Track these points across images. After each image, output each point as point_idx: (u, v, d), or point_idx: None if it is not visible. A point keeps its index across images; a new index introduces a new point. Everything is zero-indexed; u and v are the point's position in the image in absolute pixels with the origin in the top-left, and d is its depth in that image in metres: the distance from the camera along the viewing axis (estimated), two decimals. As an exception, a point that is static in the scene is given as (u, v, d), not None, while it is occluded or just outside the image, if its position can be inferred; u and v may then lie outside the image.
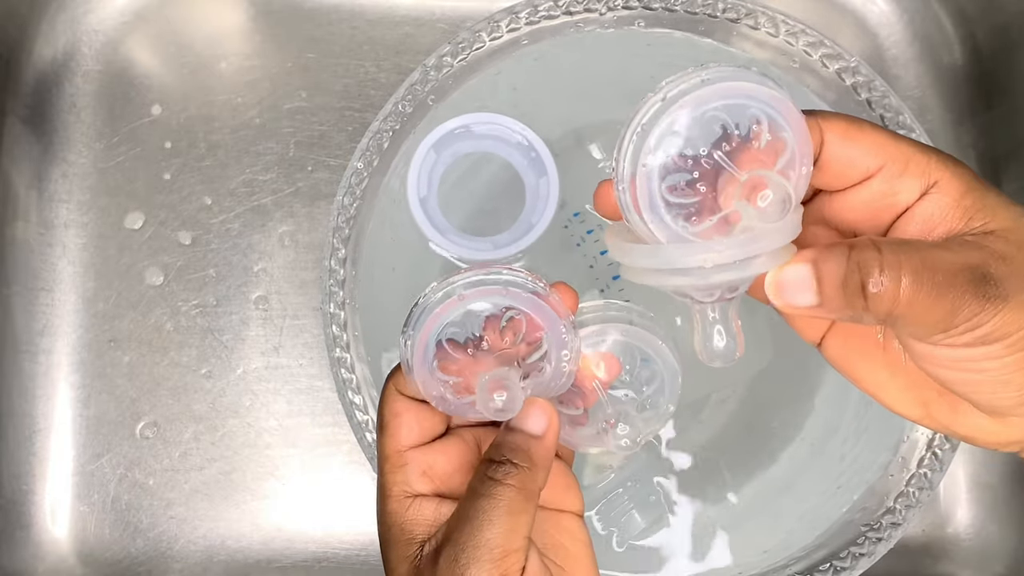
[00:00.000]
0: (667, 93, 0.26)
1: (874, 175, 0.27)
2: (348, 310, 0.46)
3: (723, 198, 0.26)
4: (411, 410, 0.31)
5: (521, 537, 0.28)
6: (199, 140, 0.57)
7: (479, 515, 0.28)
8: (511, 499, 0.28)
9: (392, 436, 0.30)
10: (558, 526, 0.32)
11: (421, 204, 0.47)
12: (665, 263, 0.27)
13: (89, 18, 0.59)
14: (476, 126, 0.47)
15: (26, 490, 0.55)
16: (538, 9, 0.47)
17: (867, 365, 0.31)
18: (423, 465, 0.30)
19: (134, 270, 0.56)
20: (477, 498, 0.28)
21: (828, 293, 0.25)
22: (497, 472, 0.28)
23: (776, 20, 0.47)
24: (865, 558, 0.44)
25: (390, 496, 0.30)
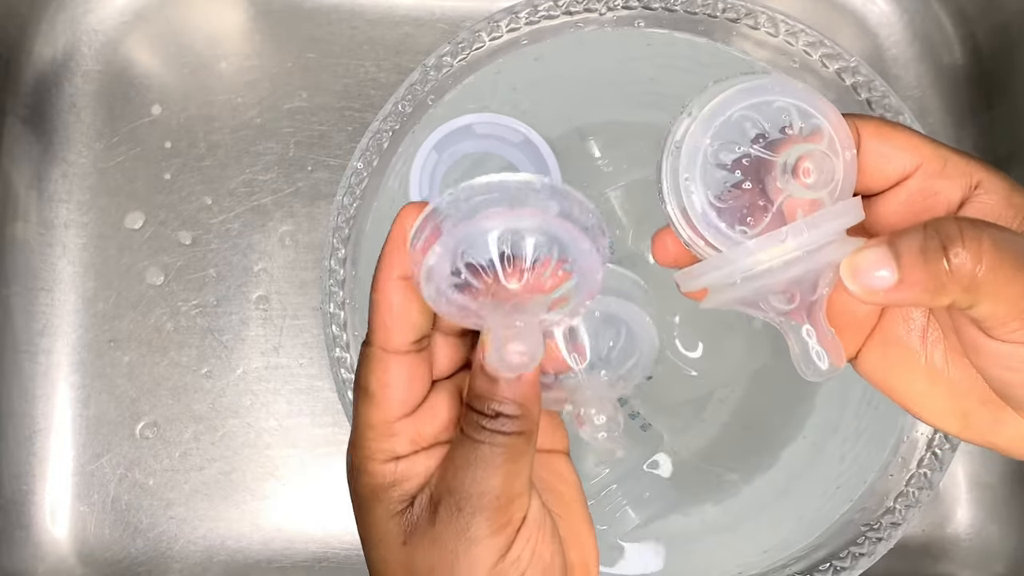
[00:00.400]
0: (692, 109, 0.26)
1: (912, 174, 0.27)
2: (348, 310, 0.46)
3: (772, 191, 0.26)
4: (402, 374, 0.28)
5: (524, 481, 0.27)
6: (199, 140, 0.57)
7: (479, 462, 0.26)
8: (512, 445, 0.26)
9: (379, 406, 0.28)
10: (549, 468, 0.31)
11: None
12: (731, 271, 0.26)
13: (89, 18, 0.59)
14: (478, 126, 0.47)
15: (26, 490, 0.55)
16: (538, 9, 0.47)
17: (905, 377, 0.30)
18: (412, 433, 0.28)
19: (134, 270, 0.56)
20: (475, 445, 0.27)
21: (908, 264, 0.24)
22: (494, 423, 0.27)
23: (776, 20, 0.47)
24: (865, 558, 0.44)
25: (372, 460, 0.28)
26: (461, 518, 0.26)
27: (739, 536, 0.48)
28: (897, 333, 0.30)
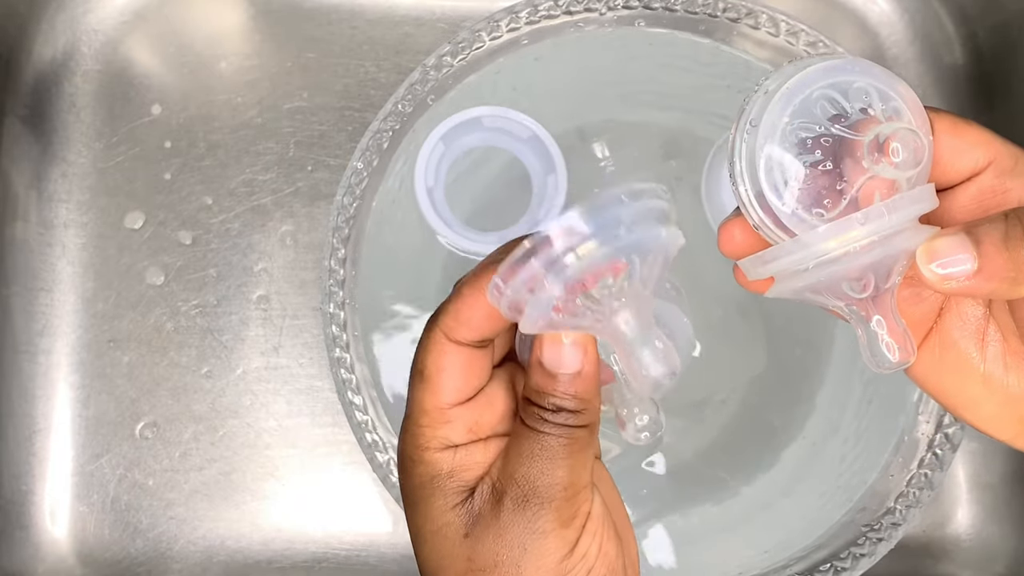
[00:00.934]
0: (768, 87, 0.25)
1: (983, 170, 0.27)
2: (348, 310, 0.46)
3: (851, 173, 0.25)
4: (462, 363, 0.28)
5: (588, 474, 0.27)
6: (199, 140, 0.57)
7: (544, 453, 0.26)
8: (580, 438, 0.26)
9: (435, 391, 0.27)
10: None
11: (428, 194, 0.46)
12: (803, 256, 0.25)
13: (89, 18, 0.59)
14: (486, 119, 0.47)
15: (26, 490, 0.55)
16: (538, 9, 0.47)
17: (961, 381, 0.29)
18: (469, 423, 0.28)
19: (134, 270, 0.56)
20: (542, 437, 0.26)
21: (989, 252, 0.24)
22: (556, 416, 0.26)
23: (776, 20, 0.47)
24: (866, 558, 0.44)
25: (427, 448, 0.28)
26: (528, 509, 0.26)
27: (739, 536, 0.48)
28: (953, 336, 0.29)
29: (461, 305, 0.27)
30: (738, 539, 0.48)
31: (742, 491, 0.49)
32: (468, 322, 0.27)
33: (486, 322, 0.27)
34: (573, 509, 0.26)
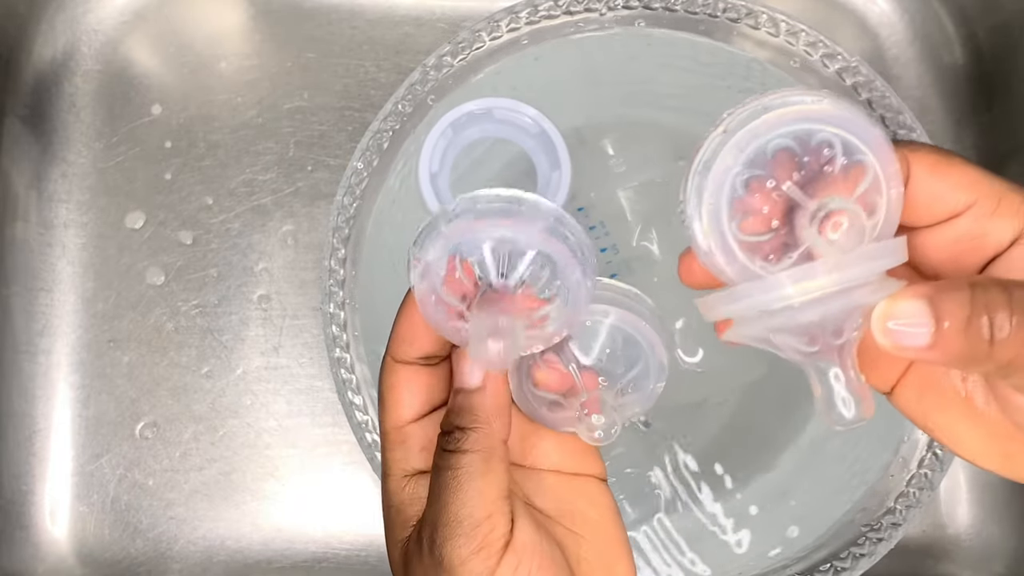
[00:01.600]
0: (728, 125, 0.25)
1: (963, 213, 0.25)
2: (348, 310, 0.46)
3: (799, 231, 0.24)
4: (408, 380, 0.29)
5: (490, 501, 0.26)
6: (199, 140, 0.57)
7: (442, 490, 0.26)
8: (468, 465, 0.26)
9: (388, 411, 0.29)
10: (576, 491, 0.30)
11: (431, 180, 0.46)
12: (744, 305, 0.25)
13: (89, 18, 0.59)
14: (497, 111, 0.47)
15: (26, 490, 0.55)
16: (538, 9, 0.47)
17: (945, 417, 0.28)
18: (423, 440, 0.29)
19: (134, 270, 0.56)
20: (438, 472, 0.27)
21: (948, 335, 0.23)
22: (449, 442, 0.27)
23: (776, 20, 0.47)
24: (865, 558, 0.44)
25: (389, 475, 0.29)
26: (435, 549, 0.26)
27: (738, 536, 0.48)
28: (936, 372, 0.28)
29: (399, 323, 0.28)
30: (737, 539, 0.48)
31: (742, 491, 0.49)
32: (407, 338, 0.28)
33: (424, 336, 0.28)
34: (478, 540, 0.26)
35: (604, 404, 0.29)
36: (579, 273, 0.26)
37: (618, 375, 0.30)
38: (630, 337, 0.30)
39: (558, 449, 0.31)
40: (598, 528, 0.30)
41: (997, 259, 0.26)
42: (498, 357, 0.26)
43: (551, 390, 0.29)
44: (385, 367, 0.29)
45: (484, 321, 0.26)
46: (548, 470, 0.31)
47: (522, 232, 0.26)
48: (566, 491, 0.30)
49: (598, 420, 0.28)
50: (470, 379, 0.27)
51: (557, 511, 0.30)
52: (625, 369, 0.30)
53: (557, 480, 0.30)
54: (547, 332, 0.27)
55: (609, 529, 0.30)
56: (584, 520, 0.30)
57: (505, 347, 0.25)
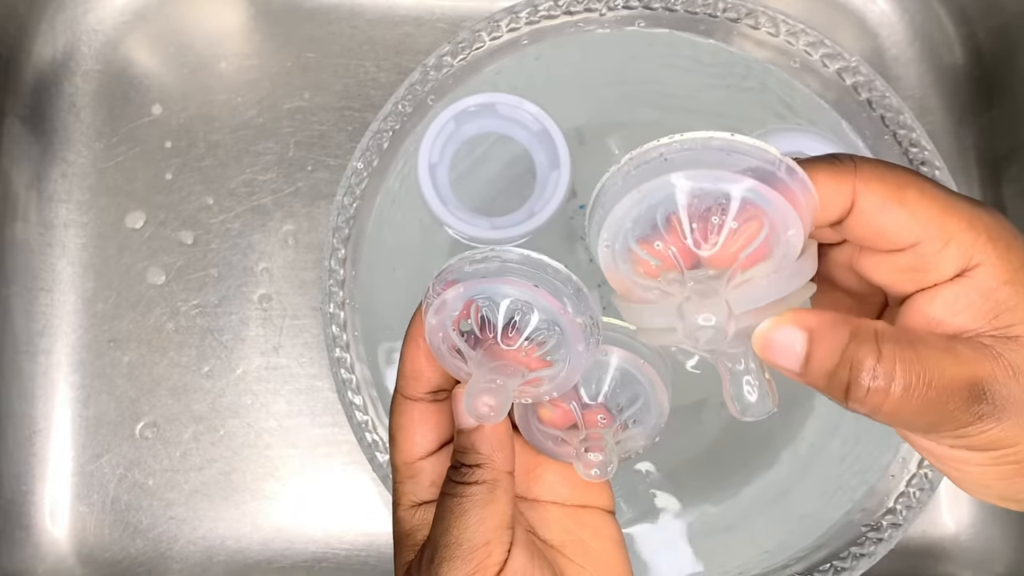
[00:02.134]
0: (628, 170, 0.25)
1: (907, 249, 0.25)
2: (348, 310, 0.46)
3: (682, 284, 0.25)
4: (419, 420, 0.30)
5: (490, 528, 0.27)
6: (199, 140, 0.57)
7: (446, 515, 0.28)
8: (473, 494, 0.28)
9: (400, 448, 0.30)
10: (580, 522, 0.31)
11: (430, 171, 0.46)
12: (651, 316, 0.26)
13: (89, 18, 0.59)
14: (501, 107, 0.47)
15: (26, 490, 0.55)
16: (538, 9, 0.47)
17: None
18: (433, 475, 0.30)
19: (134, 270, 0.56)
20: (444, 499, 0.28)
21: (814, 372, 0.24)
22: (457, 475, 0.28)
23: (776, 20, 0.47)
24: (865, 559, 0.44)
25: (399, 505, 0.30)
26: (432, 568, 0.27)
27: (739, 536, 0.48)
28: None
29: (404, 361, 0.30)
30: (738, 539, 0.48)
31: (742, 491, 0.49)
32: (413, 375, 0.30)
33: (430, 372, 0.29)
34: (472, 564, 0.27)
35: (604, 442, 0.30)
36: (583, 346, 0.28)
37: (619, 412, 0.31)
38: (630, 375, 0.31)
39: (563, 482, 0.32)
40: (600, 559, 0.31)
41: (929, 290, 0.25)
42: (489, 413, 0.27)
43: (555, 426, 0.30)
44: (396, 404, 0.30)
45: (483, 376, 0.27)
46: (553, 502, 0.32)
47: (541, 298, 0.27)
48: (570, 523, 0.31)
49: (595, 457, 0.29)
50: (465, 420, 0.29)
51: (560, 542, 0.31)
52: (625, 406, 0.31)
53: (562, 512, 0.31)
54: (540, 391, 0.29)
55: (611, 561, 0.31)
56: (586, 551, 0.31)
57: (497, 405, 0.27)
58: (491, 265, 0.27)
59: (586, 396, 0.30)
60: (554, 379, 0.28)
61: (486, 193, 0.50)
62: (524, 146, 0.50)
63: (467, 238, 0.47)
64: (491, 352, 0.28)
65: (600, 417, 0.30)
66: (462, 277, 0.27)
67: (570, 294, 0.27)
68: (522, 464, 0.32)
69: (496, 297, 0.27)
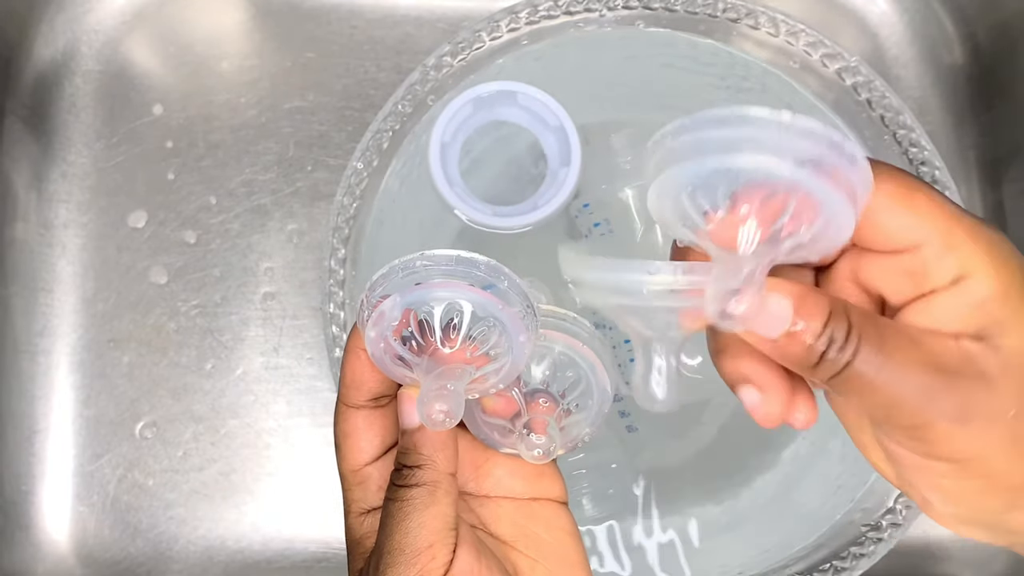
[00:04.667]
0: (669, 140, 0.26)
1: (911, 251, 0.25)
2: (348, 310, 0.46)
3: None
4: (362, 427, 0.30)
5: (432, 531, 0.27)
6: (198, 140, 0.57)
7: (387, 520, 0.28)
8: (413, 498, 0.28)
9: (345, 456, 0.30)
10: (532, 516, 0.32)
11: (441, 150, 0.46)
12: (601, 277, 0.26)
13: (89, 18, 0.59)
14: (522, 96, 0.47)
15: (26, 490, 0.55)
16: (538, 9, 0.47)
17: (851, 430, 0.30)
18: (379, 480, 0.30)
19: (134, 270, 0.56)
20: (387, 504, 0.28)
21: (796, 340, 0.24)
22: (398, 478, 0.28)
23: (776, 20, 0.47)
24: (865, 558, 0.44)
25: (349, 513, 0.30)
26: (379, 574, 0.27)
27: (739, 536, 0.48)
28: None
29: (345, 371, 0.30)
30: (738, 539, 0.48)
31: (742, 491, 0.49)
32: (353, 382, 0.30)
33: (370, 379, 0.30)
34: (416, 568, 0.27)
35: (548, 425, 0.30)
36: (524, 336, 0.28)
37: (560, 398, 0.31)
38: (570, 359, 0.31)
39: (512, 475, 0.32)
40: (553, 552, 0.31)
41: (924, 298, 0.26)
42: (445, 419, 0.27)
43: (499, 415, 0.31)
44: (338, 413, 0.31)
45: (432, 384, 0.27)
46: (504, 497, 0.32)
47: (477, 295, 0.27)
48: (521, 516, 0.31)
49: (537, 439, 0.30)
50: (410, 420, 0.29)
51: (512, 537, 0.31)
52: (567, 390, 0.31)
53: (513, 506, 0.31)
54: (487, 386, 0.29)
55: (564, 552, 0.31)
56: (539, 544, 0.31)
57: (451, 410, 0.27)
58: (423, 271, 0.27)
59: (527, 383, 0.31)
60: (499, 372, 0.29)
61: (494, 180, 0.50)
62: (538, 138, 0.49)
63: (471, 221, 0.47)
64: (436, 357, 0.28)
65: (542, 401, 0.31)
66: (396, 287, 0.27)
67: (504, 287, 0.27)
68: (470, 461, 0.32)
69: (432, 301, 0.28)
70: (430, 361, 0.28)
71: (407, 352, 0.28)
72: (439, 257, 0.27)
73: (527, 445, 0.30)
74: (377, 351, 0.28)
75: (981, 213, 0.58)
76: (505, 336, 0.28)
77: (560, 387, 0.31)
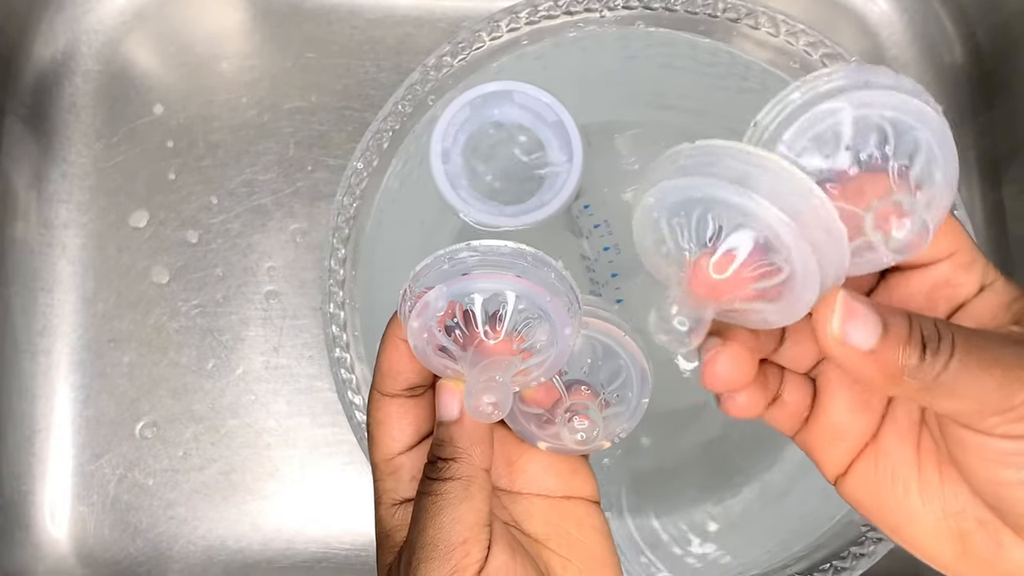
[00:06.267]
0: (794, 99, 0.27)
1: (943, 259, 0.27)
2: (348, 310, 0.46)
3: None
4: (396, 415, 0.30)
5: (466, 527, 0.27)
6: (199, 140, 0.57)
7: (422, 515, 0.27)
8: (447, 492, 0.27)
9: (378, 444, 0.30)
10: (564, 514, 0.31)
11: (443, 154, 0.46)
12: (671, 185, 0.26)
13: (89, 18, 0.59)
14: (518, 95, 0.47)
15: (26, 490, 0.55)
16: (538, 9, 0.47)
17: (897, 492, 0.29)
18: (412, 470, 0.30)
19: (134, 270, 0.56)
20: (420, 498, 0.28)
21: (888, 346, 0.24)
22: (432, 471, 0.28)
23: (776, 20, 0.47)
24: (865, 558, 0.44)
25: (379, 504, 0.30)
26: (411, 571, 0.27)
27: (739, 536, 0.48)
28: (888, 443, 0.29)
29: (381, 358, 0.30)
30: (738, 539, 0.48)
31: (742, 491, 0.49)
32: (390, 371, 0.29)
33: (407, 369, 0.29)
34: (450, 565, 0.26)
35: (589, 411, 0.29)
36: (569, 328, 0.28)
37: (601, 386, 0.30)
38: (610, 349, 0.30)
39: (545, 472, 0.31)
40: (585, 551, 0.30)
41: (957, 311, 0.27)
42: (493, 411, 0.27)
43: (539, 405, 0.30)
44: (372, 401, 0.30)
45: (480, 376, 0.27)
46: (537, 494, 0.31)
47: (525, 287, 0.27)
48: (553, 514, 0.31)
49: (580, 424, 0.29)
50: (449, 411, 0.28)
51: (544, 535, 0.30)
52: (607, 380, 0.30)
53: (546, 504, 0.31)
54: (529, 378, 0.29)
55: (597, 552, 0.31)
56: (571, 543, 0.30)
57: (499, 402, 0.26)
58: (469, 260, 0.27)
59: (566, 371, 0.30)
60: (542, 365, 0.28)
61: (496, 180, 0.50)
62: (538, 136, 0.49)
63: (475, 223, 0.47)
64: (481, 349, 0.27)
65: (584, 388, 0.30)
66: (441, 277, 0.27)
67: (551, 278, 0.27)
68: (504, 456, 0.31)
69: (479, 292, 0.27)
70: (476, 353, 0.27)
71: (451, 343, 0.28)
72: (486, 247, 0.27)
73: (570, 430, 0.29)
74: (419, 342, 0.28)
75: (981, 213, 0.58)
76: (551, 328, 0.27)
77: (600, 378, 0.30)
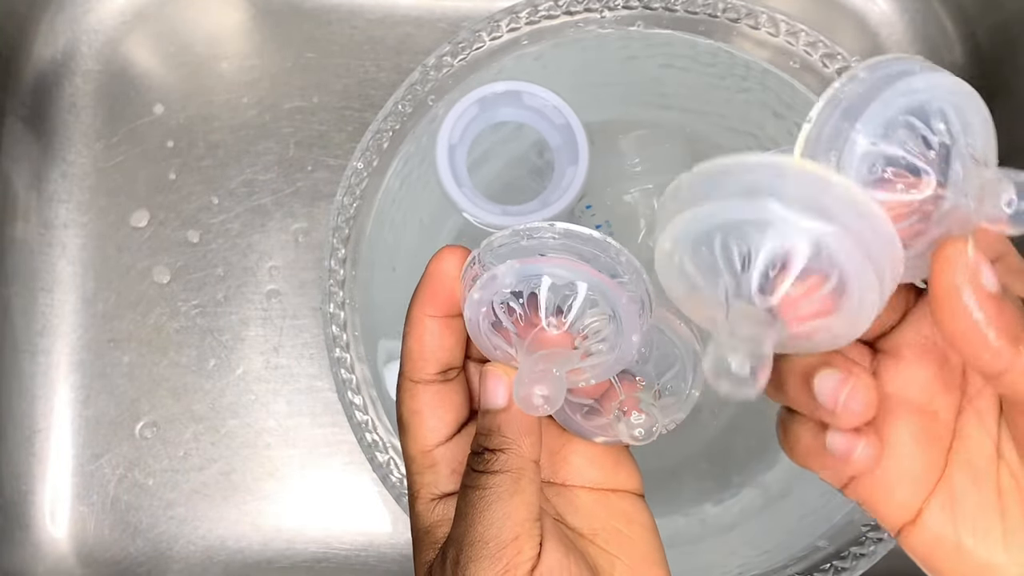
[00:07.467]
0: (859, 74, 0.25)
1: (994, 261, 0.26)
2: (348, 310, 0.46)
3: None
4: (431, 403, 0.28)
5: (517, 523, 0.25)
6: (198, 140, 0.57)
7: (469, 510, 0.25)
8: (496, 485, 0.25)
9: (414, 436, 0.28)
10: (609, 508, 0.29)
11: (448, 151, 0.46)
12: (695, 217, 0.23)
13: (89, 18, 0.59)
14: (527, 96, 0.47)
15: (26, 490, 0.55)
16: (538, 9, 0.47)
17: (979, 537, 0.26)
18: (452, 463, 0.28)
19: (134, 270, 0.56)
20: (466, 492, 0.26)
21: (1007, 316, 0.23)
22: (478, 463, 0.26)
23: (776, 20, 0.47)
24: (865, 558, 0.44)
25: (417, 498, 0.28)
26: (459, 570, 0.25)
27: (739, 536, 0.48)
28: (962, 483, 0.26)
29: (409, 340, 0.28)
30: (738, 539, 0.48)
31: (742, 491, 0.49)
32: (421, 354, 0.27)
33: (438, 347, 0.27)
34: (503, 563, 0.25)
35: (643, 403, 0.28)
36: (636, 336, 0.26)
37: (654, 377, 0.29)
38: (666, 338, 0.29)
39: (591, 464, 0.30)
40: (633, 547, 0.29)
41: None
42: (543, 404, 0.25)
43: (588, 395, 0.28)
44: (404, 391, 0.28)
45: (535, 365, 0.25)
46: (581, 487, 0.30)
47: (601, 281, 0.25)
48: (599, 508, 0.29)
49: (637, 418, 0.27)
50: (495, 399, 0.26)
51: (590, 529, 0.29)
52: (661, 371, 0.29)
53: (590, 497, 0.29)
54: (580, 377, 0.27)
55: (644, 549, 0.29)
56: (619, 539, 0.29)
57: (552, 395, 0.25)
58: (550, 242, 0.24)
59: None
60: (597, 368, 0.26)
61: (501, 180, 0.50)
62: (544, 137, 0.49)
63: (478, 222, 0.47)
64: (541, 337, 0.25)
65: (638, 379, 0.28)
66: (516, 252, 0.25)
67: (628, 279, 0.25)
68: (547, 446, 0.29)
69: (552, 277, 0.25)
70: (535, 340, 0.25)
71: (511, 323, 0.26)
72: (570, 231, 0.24)
73: (627, 425, 0.27)
74: (476, 315, 0.26)
75: (981, 213, 0.58)
76: (616, 331, 0.25)
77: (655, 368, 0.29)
